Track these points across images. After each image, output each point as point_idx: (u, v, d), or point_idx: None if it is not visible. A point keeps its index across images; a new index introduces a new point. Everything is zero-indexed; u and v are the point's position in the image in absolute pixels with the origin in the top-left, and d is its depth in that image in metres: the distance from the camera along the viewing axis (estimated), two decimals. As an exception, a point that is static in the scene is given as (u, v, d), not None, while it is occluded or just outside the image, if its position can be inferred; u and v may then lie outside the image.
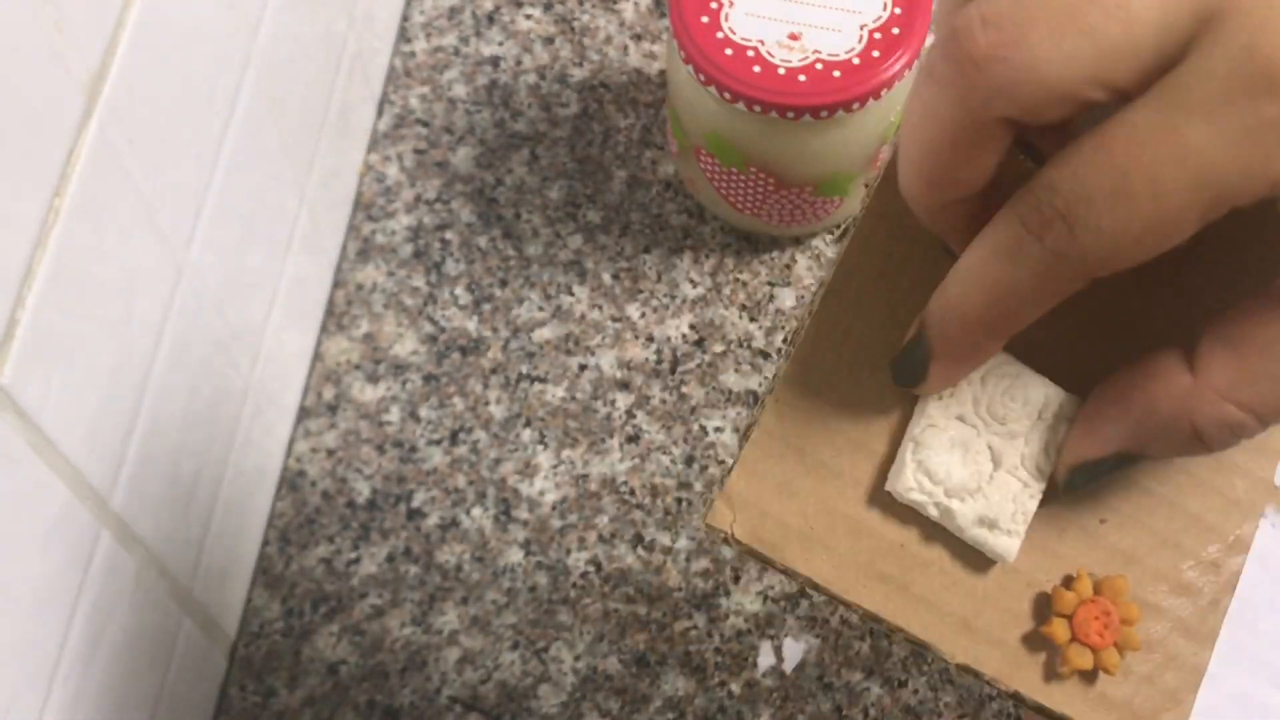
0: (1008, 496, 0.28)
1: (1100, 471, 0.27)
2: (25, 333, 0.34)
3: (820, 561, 0.28)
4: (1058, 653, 0.28)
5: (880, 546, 0.28)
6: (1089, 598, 0.28)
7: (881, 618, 0.28)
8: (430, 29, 0.66)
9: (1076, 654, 0.27)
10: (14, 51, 0.33)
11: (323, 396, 0.56)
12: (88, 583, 0.39)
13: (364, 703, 0.51)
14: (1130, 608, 0.28)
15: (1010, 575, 0.29)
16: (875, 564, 0.28)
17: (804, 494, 0.28)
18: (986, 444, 0.28)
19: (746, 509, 0.28)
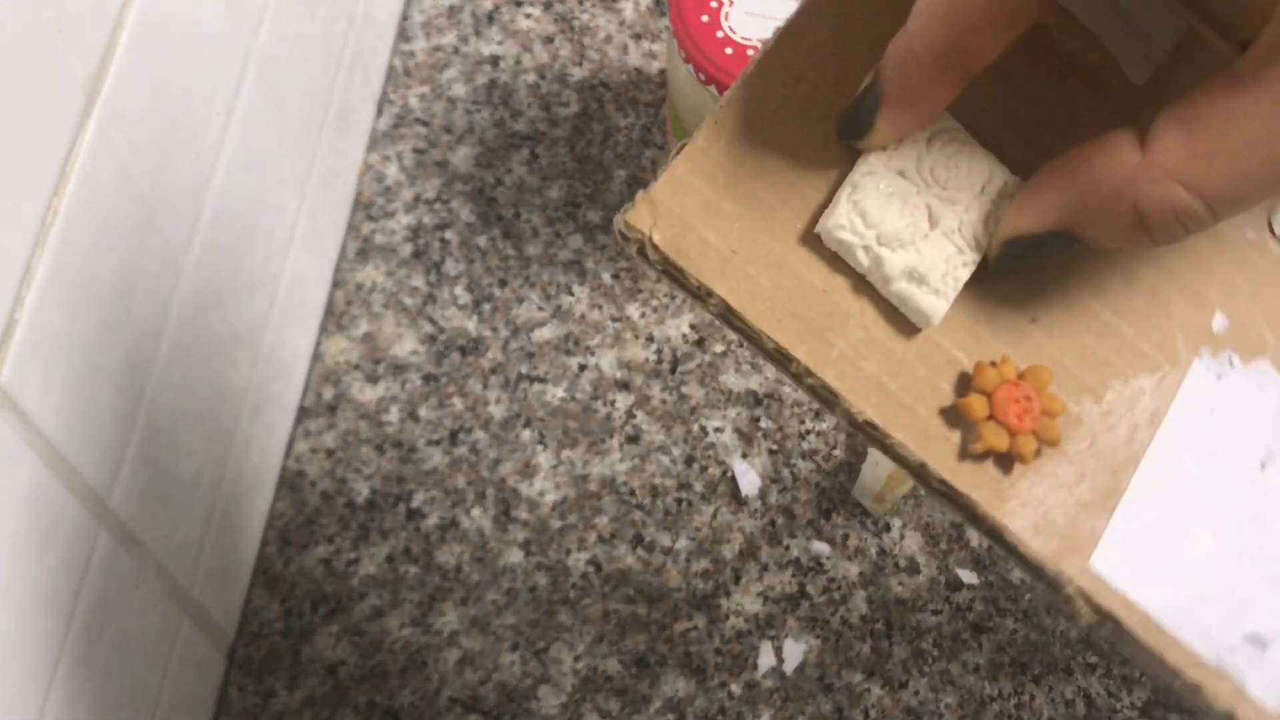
0: (940, 256, 0.27)
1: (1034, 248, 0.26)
2: (24, 332, 0.34)
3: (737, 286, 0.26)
4: (972, 430, 0.26)
5: (803, 288, 0.27)
6: (1011, 379, 0.26)
7: (791, 355, 0.26)
8: (430, 28, 0.66)
9: (991, 432, 0.26)
10: (14, 51, 0.33)
11: (322, 397, 0.56)
12: (87, 583, 0.39)
13: (363, 703, 0.50)
14: (1053, 399, 0.26)
15: (932, 347, 0.27)
16: (794, 303, 0.27)
17: (731, 218, 0.27)
18: (925, 203, 0.27)
19: (669, 219, 0.27)
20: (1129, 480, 0.27)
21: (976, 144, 0.27)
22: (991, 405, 0.26)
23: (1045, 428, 0.26)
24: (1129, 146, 0.24)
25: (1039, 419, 0.26)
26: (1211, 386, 0.28)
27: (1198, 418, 0.27)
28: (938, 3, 0.25)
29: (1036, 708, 0.50)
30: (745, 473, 0.55)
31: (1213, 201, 0.23)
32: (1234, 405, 0.27)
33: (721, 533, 0.53)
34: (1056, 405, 0.26)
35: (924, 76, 0.26)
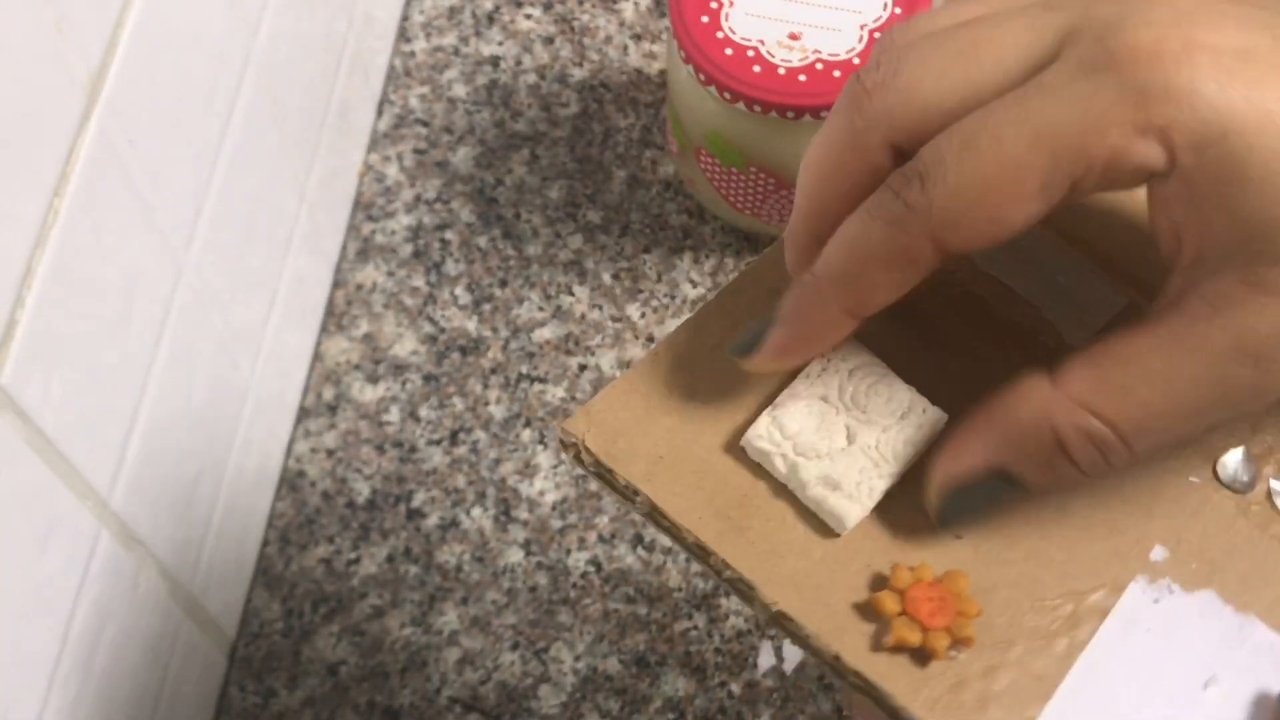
0: (855, 468, 0.28)
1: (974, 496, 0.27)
2: (25, 332, 0.34)
3: (663, 486, 0.28)
4: (885, 625, 0.27)
5: (726, 490, 0.29)
6: (926, 580, 0.27)
7: (710, 550, 0.28)
8: (430, 29, 0.66)
9: (903, 626, 0.27)
10: (14, 51, 0.33)
11: (322, 397, 0.56)
12: (87, 583, 0.39)
13: (364, 703, 0.51)
14: (970, 602, 0.27)
15: (850, 550, 0.28)
16: (717, 502, 0.29)
17: (662, 429, 0.29)
18: (844, 424, 0.29)
19: (603, 426, 0.29)
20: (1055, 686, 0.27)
21: (898, 378, 0.29)
22: (904, 602, 0.27)
23: (959, 625, 0.27)
24: (1040, 381, 0.26)
25: (953, 617, 0.27)
26: (1147, 608, 0.28)
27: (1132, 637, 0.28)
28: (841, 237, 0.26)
29: (1036, 707, 0.51)
30: (745, 473, 0.55)
31: (1122, 431, 0.25)
32: (1173, 627, 0.28)
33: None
34: (972, 607, 0.27)
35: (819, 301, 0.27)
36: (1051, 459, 0.26)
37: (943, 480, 0.27)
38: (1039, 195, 0.24)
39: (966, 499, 0.27)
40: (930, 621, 0.27)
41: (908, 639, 0.27)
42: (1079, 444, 0.25)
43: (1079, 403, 0.25)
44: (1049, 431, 0.25)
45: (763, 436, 0.29)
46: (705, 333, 0.31)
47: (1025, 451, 0.26)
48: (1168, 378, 0.24)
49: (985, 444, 0.26)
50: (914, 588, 0.27)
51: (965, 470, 0.27)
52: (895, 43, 0.26)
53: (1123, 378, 0.25)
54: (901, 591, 0.27)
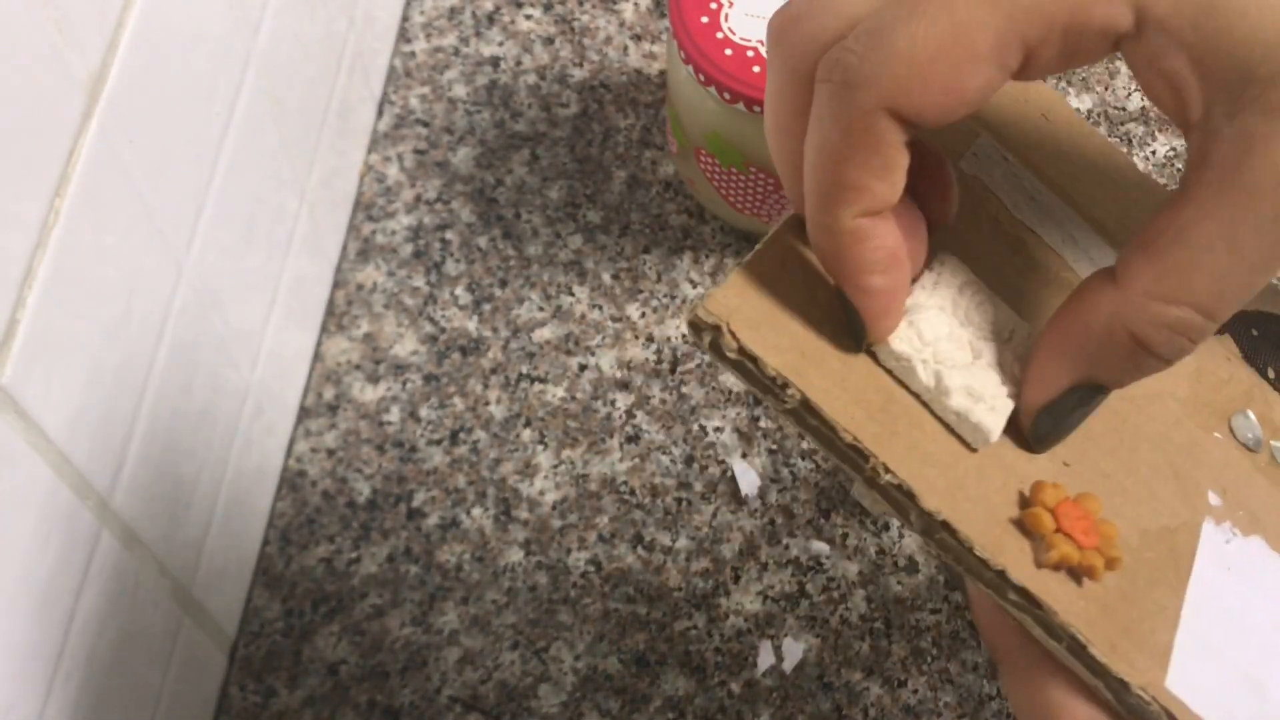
0: (990, 380, 0.27)
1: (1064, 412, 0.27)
2: (26, 332, 0.34)
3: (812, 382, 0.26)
4: (1042, 542, 0.26)
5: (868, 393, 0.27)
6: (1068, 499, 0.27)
7: (869, 452, 0.26)
8: (430, 29, 0.66)
9: (1064, 542, 0.26)
10: (14, 51, 0.33)
11: (323, 396, 0.57)
12: (88, 582, 0.39)
13: (364, 702, 0.51)
14: (1109, 524, 0.27)
15: (992, 462, 0.27)
16: (862, 402, 0.27)
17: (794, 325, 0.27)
18: (968, 339, 0.28)
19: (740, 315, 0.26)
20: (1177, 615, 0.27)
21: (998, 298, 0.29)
22: (1057, 519, 0.26)
23: (1108, 545, 0.26)
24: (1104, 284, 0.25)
25: (1100, 538, 0.27)
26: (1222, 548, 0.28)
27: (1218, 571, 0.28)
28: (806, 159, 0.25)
29: (1036, 707, 0.51)
30: (745, 472, 0.55)
31: (1202, 306, 0.24)
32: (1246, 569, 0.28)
33: (721, 532, 0.53)
34: (1112, 530, 0.27)
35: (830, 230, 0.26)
36: (1133, 359, 0.25)
37: (1034, 405, 0.27)
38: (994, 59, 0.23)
39: (1059, 415, 0.27)
40: (1084, 540, 0.26)
41: (1070, 556, 0.26)
42: (1159, 337, 0.25)
43: (1149, 296, 0.24)
44: (1124, 334, 0.25)
45: (903, 339, 0.27)
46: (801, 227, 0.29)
47: (1105, 360, 0.25)
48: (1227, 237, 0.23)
49: (1066, 363, 0.26)
50: (1064, 505, 0.26)
51: (1053, 390, 0.26)
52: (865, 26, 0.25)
53: (1184, 255, 0.24)
54: (1052, 509, 0.26)
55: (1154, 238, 0.24)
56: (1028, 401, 0.27)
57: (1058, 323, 0.26)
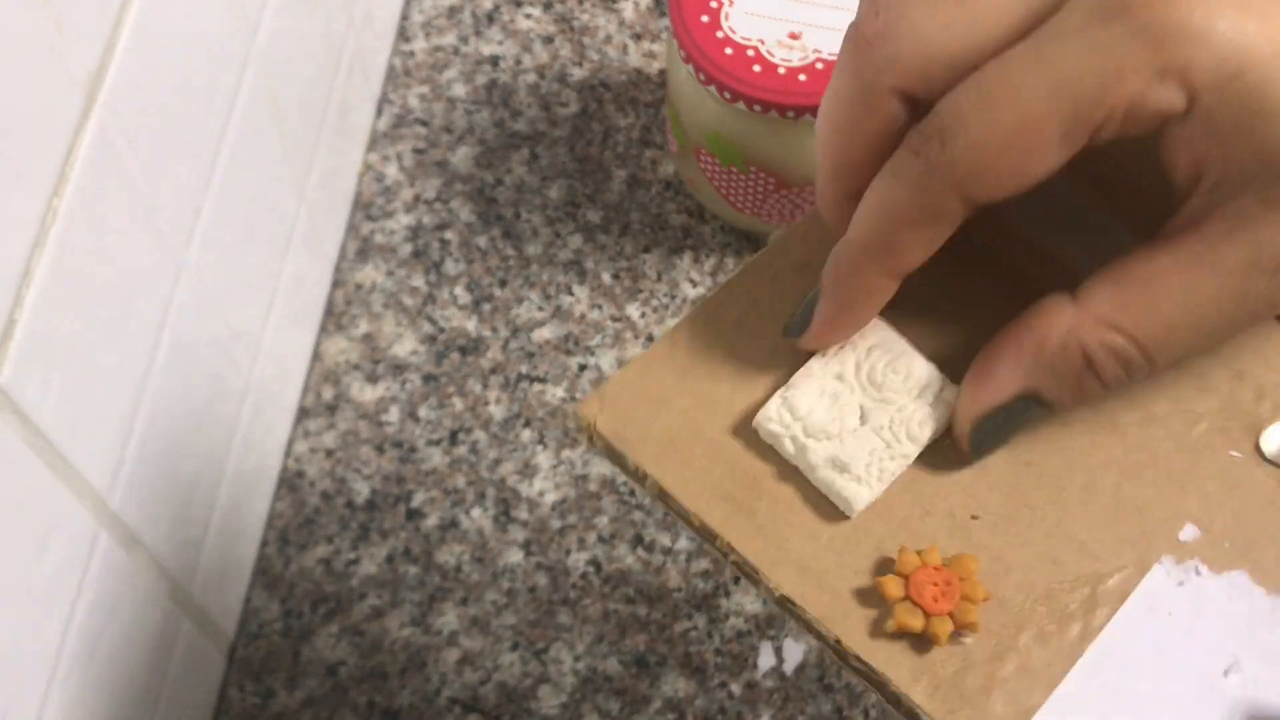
0: (865, 449, 0.28)
1: (1005, 422, 0.28)
2: (24, 333, 0.34)
3: (672, 469, 0.29)
4: (887, 610, 0.27)
5: (736, 473, 0.29)
6: (933, 564, 0.27)
7: (715, 532, 0.28)
8: (429, 28, 0.66)
9: (905, 612, 0.26)
10: (13, 51, 0.33)
11: (322, 396, 0.56)
12: (87, 583, 0.39)
13: (363, 703, 0.50)
14: (976, 586, 0.27)
15: (859, 533, 0.28)
16: (725, 485, 0.28)
17: (675, 412, 0.29)
18: (858, 403, 0.29)
19: (616, 408, 0.29)
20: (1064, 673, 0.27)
21: (918, 354, 0.29)
22: (908, 587, 0.27)
23: (964, 611, 0.27)
24: (1064, 302, 0.26)
25: (957, 601, 0.27)
26: (1171, 591, 0.28)
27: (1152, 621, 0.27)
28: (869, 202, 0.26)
29: (1036, 708, 0.51)
30: (745, 473, 0.55)
31: (1146, 346, 0.26)
32: (1197, 611, 0.27)
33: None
34: (979, 592, 0.27)
35: (856, 268, 0.27)
36: (1081, 378, 0.26)
37: (974, 408, 0.28)
38: (1060, 144, 0.24)
39: (997, 425, 0.28)
40: (933, 607, 0.26)
41: (909, 624, 0.26)
42: (1106, 360, 0.26)
43: (1104, 321, 0.26)
44: (1078, 351, 0.26)
45: (773, 418, 0.28)
46: (725, 311, 0.31)
47: (1055, 373, 0.26)
48: (1188, 294, 0.25)
49: (1015, 369, 0.27)
50: (919, 572, 0.27)
51: (997, 397, 0.27)
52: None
53: (1145, 295, 0.25)
54: (906, 576, 0.27)
55: (1123, 273, 0.26)
56: (969, 407, 0.28)
57: (1012, 332, 0.27)
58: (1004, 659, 0.27)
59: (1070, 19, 0.24)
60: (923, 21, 0.25)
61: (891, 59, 0.25)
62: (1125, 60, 0.23)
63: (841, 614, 0.27)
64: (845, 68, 0.26)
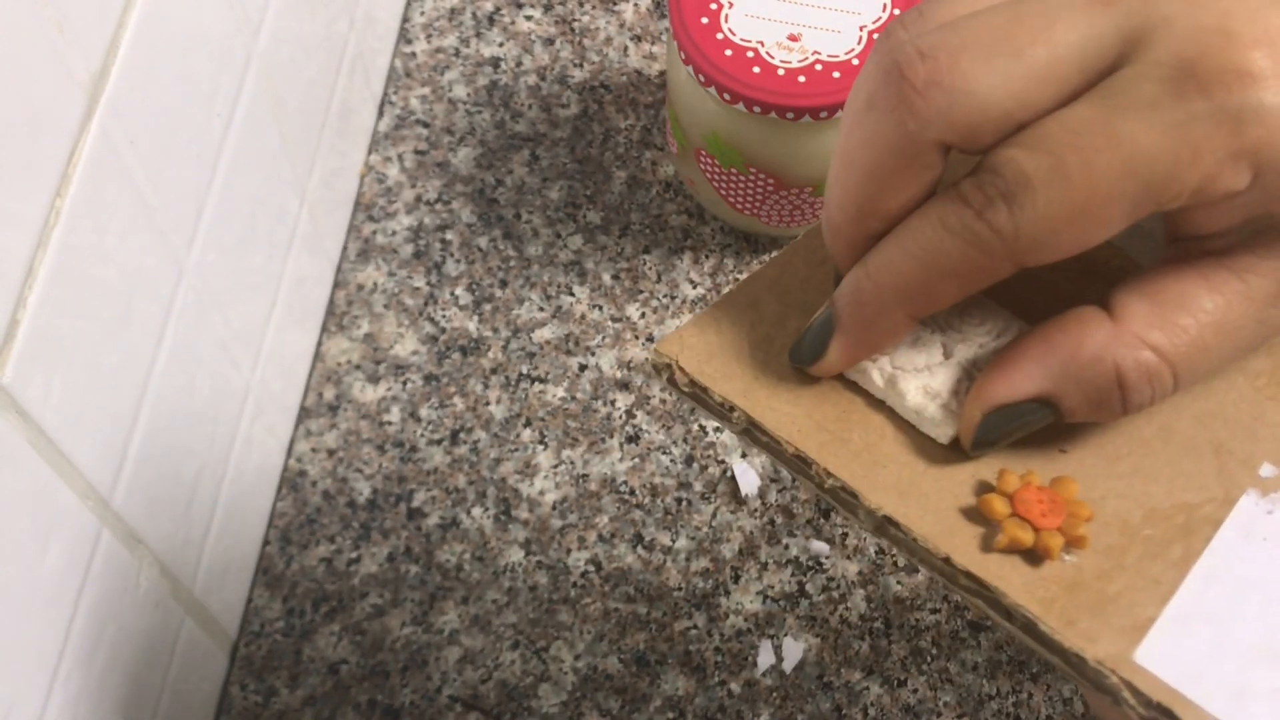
0: (953, 379, 0.28)
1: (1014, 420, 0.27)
2: (27, 333, 0.34)
3: (760, 401, 0.28)
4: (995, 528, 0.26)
5: (823, 404, 0.28)
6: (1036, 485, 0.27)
7: (811, 459, 0.27)
8: (431, 30, 0.66)
9: (1016, 526, 0.26)
10: (15, 52, 0.33)
11: (323, 396, 0.57)
12: (89, 582, 0.39)
13: (364, 702, 0.51)
14: (1081, 505, 0.27)
15: (954, 460, 0.28)
16: (815, 416, 0.28)
17: (755, 348, 0.29)
18: (940, 342, 0.28)
19: (694, 350, 0.29)
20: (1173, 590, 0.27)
21: (992, 302, 0.29)
22: (1014, 504, 0.27)
23: (1071, 525, 0.26)
24: (1101, 315, 0.26)
25: (1065, 518, 0.26)
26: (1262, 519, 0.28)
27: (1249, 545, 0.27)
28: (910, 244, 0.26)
29: (1034, 706, 0.51)
30: (745, 472, 0.55)
31: (1176, 366, 0.26)
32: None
33: (721, 532, 0.54)
34: (1083, 510, 0.27)
35: (883, 310, 0.27)
36: (1106, 395, 0.26)
37: (991, 400, 0.27)
38: (1124, 219, 0.24)
39: (1005, 421, 0.27)
40: (1042, 522, 0.26)
41: (1020, 539, 0.26)
42: (1138, 380, 0.26)
43: (1142, 339, 0.26)
44: (1111, 367, 0.26)
45: None
46: (793, 269, 0.31)
47: (1082, 384, 0.26)
48: (1219, 318, 0.25)
49: (1042, 372, 0.27)
50: (1024, 490, 0.27)
51: (1015, 393, 0.27)
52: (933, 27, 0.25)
53: (1180, 316, 0.26)
54: (1010, 495, 0.27)
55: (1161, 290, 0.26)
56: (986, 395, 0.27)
57: (1045, 335, 0.27)
58: (1113, 575, 0.27)
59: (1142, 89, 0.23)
60: (977, 74, 0.24)
61: (942, 112, 0.24)
62: (1203, 143, 0.23)
63: (948, 533, 0.27)
64: (885, 112, 0.25)
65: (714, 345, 0.29)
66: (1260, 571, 0.27)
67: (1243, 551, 0.27)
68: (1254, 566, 0.27)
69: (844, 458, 0.28)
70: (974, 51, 0.24)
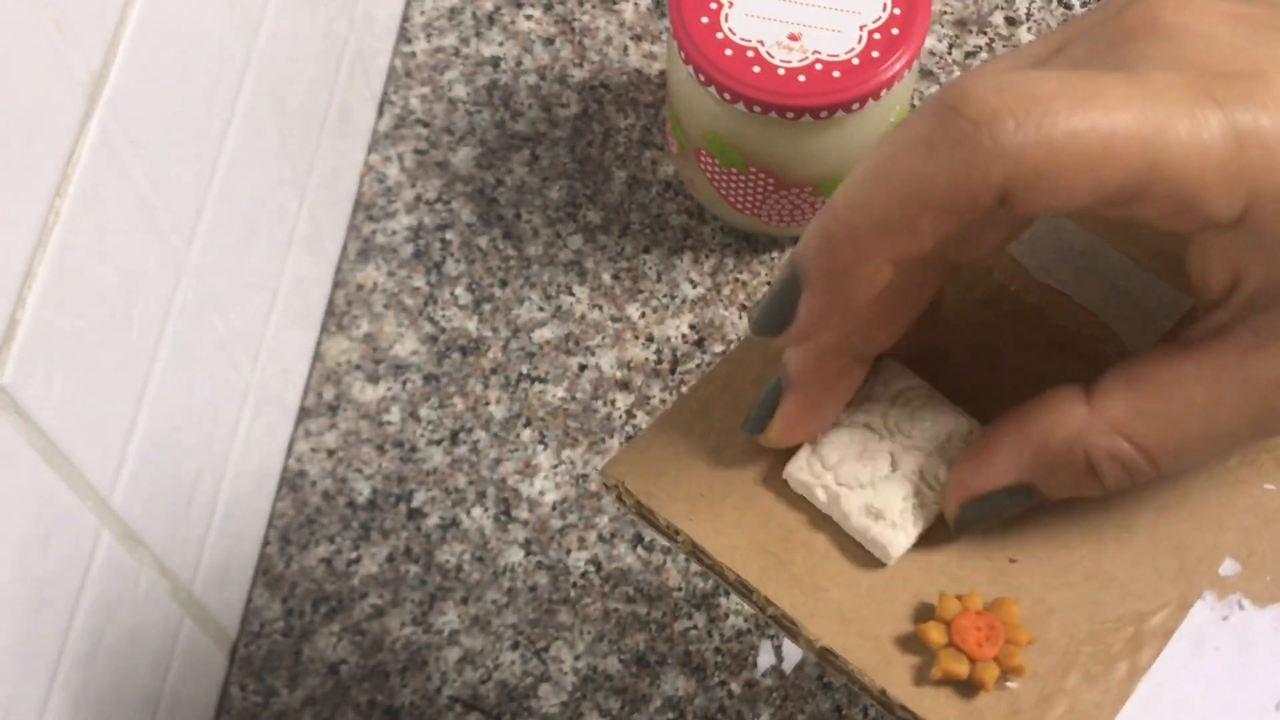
0: (899, 495, 0.28)
1: (994, 508, 0.27)
2: (26, 333, 0.34)
3: (705, 524, 0.28)
4: (931, 658, 0.26)
5: (769, 525, 0.28)
6: (975, 609, 0.27)
7: (752, 586, 0.27)
8: (430, 29, 0.66)
9: (950, 658, 0.26)
10: (14, 51, 0.33)
11: (323, 396, 0.57)
12: (88, 582, 0.39)
13: (364, 702, 0.51)
14: (1020, 630, 0.26)
15: (896, 580, 0.28)
16: (760, 538, 0.28)
17: (703, 466, 0.29)
18: (888, 450, 0.28)
19: (642, 468, 0.29)
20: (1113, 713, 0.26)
21: (943, 398, 0.29)
22: (950, 633, 0.26)
23: (1008, 653, 0.26)
24: (1076, 400, 0.25)
25: (1001, 646, 0.26)
26: (1215, 626, 0.27)
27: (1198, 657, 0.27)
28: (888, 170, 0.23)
29: (1036, 707, 0.51)
30: (745, 472, 0.55)
31: (1154, 456, 0.25)
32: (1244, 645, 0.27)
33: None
34: (1022, 635, 0.26)
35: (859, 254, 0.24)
36: (1080, 480, 0.26)
37: (966, 493, 0.27)
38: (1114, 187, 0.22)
39: (986, 509, 0.27)
40: (978, 652, 0.26)
41: (954, 671, 0.26)
42: (1109, 467, 0.25)
43: (1115, 428, 0.25)
44: (1081, 455, 0.25)
45: (803, 468, 0.28)
46: (744, 367, 0.30)
47: (1054, 472, 0.26)
48: (1207, 407, 0.24)
49: (1014, 461, 0.26)
50: (961, 617, 0.26)
51: (989, 485, 0.26)
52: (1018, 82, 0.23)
53: (1161, 405, 0.24)
54: (948, 622, 0.26)
55: (1140, 377, 0.25)
56: (962, 487, 0.27)
57: (1018, 422, 0.26)
58: (1052, 702, 0.26)
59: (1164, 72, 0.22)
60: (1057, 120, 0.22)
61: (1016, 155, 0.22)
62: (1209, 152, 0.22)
63: (885, 663, 0.26)
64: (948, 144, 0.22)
65: (661, 461, 0.29)
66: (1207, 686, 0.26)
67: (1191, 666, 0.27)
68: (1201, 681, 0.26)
69: (785, 583, 0.27)
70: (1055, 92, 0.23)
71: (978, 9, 0.66)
